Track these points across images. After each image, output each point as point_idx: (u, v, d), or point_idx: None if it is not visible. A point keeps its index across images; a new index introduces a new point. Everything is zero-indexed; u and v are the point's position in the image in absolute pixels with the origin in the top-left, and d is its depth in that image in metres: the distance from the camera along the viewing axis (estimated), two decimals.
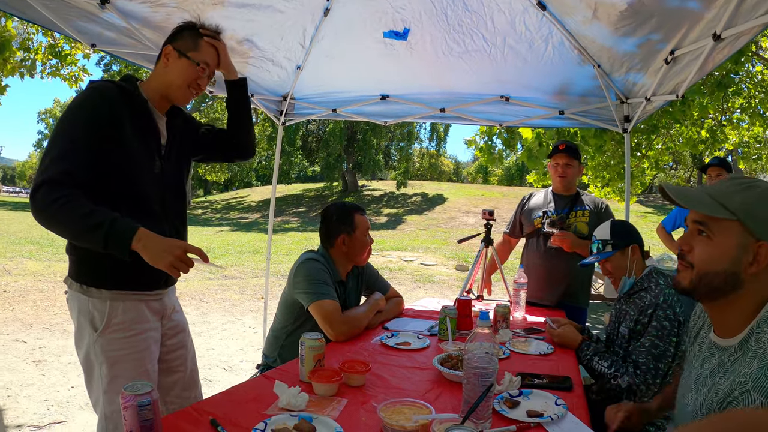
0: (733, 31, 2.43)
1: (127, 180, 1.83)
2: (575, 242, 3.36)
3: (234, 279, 10.12)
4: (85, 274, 1.85)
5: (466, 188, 32.70)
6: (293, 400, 1.61)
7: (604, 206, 3.55)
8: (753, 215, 1.22)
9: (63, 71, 6.63)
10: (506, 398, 1.72)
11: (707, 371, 1.34)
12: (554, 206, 3.56)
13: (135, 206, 1.84)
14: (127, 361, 1.86)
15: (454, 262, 13.18)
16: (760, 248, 1.21)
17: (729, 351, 1.28)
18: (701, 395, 1.32)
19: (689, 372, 1.47)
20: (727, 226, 1.24)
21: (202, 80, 2.02)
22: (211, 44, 2.05)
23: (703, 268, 1.28)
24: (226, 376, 4.68)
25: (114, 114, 1.79)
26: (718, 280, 1.26)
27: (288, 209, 28.10)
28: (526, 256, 3.67)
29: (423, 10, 3.30)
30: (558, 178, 3.57)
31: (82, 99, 1.79)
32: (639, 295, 2.35)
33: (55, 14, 2.81)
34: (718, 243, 1.26)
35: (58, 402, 3.96)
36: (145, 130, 1.92)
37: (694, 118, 8.00)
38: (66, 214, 1.61)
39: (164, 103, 2.03)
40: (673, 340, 2.15)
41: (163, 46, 2.01)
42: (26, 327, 6.05)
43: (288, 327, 2.62)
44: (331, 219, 2.74)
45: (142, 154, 1.89)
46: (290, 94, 4.59)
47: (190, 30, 2.03)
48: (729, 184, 1.29)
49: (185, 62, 1.97)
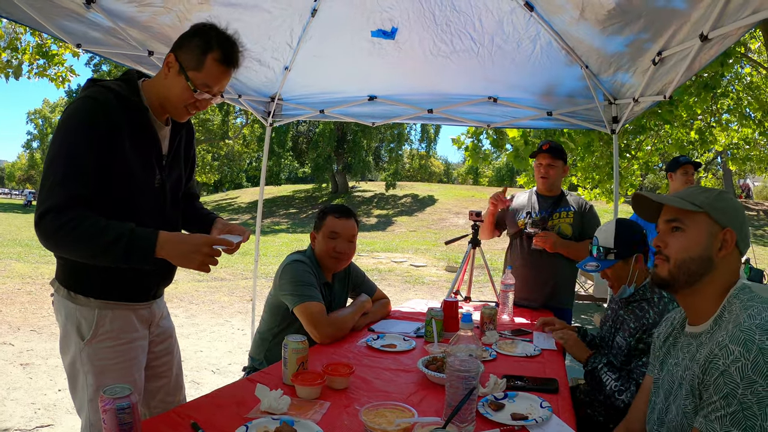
0: (720, 31, 2.44)
1: (124, 193, 1.75)
2: (558, 243, 3.32)
3: (223, 281, 10.06)
4: (73, 280, 1.79)
5: (456, 189, 32.75)
6: (275, 403, 1.59)
7: (588, 207, 3.52)
8: (715, 207, 1.42)
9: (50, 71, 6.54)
10: (491, 401, 1.71)
11: (687, 359, 1.42)
12: (537, 207, 3.53)
13: (130, 219, 1.74)
14: (114, 371, 1.81)
15: (444, 263, 13.19)
16: (726, 234, 1.40)
17: (705, 332, 1.41)
18: (686, 379, 1.38)
19: (666, 373, 1.54)
20: (696, 218, 1.44)
21: (201, 103, 1.82)
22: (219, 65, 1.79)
23: (680, 257, 1.44)
24: (214, 379, 4.64)
25: (112, 124, 1.66)
26: (694, 265, 1.42)
27: (278, 210, 28.02)
28: (510, 257, 3.65)
29: (411, 10, 3.30)
30: (541, 178, 3.53)
31: (77, 110, 1.66)
32: (640, 306, 2.23)
33: (41, 14, 2.77)
34: (691, 234, 1.44)
35: (45, 405, 3.91)
36: (145, 142, 1.80)
37: (683, 119, 8.05)
38: (78, 237, 1.56)
39: (165, 111, 1.88)
40: None
41: (171, 50, 1.79)
42: (14, 330, 5.98)
43: (274, 329, 2.59)
44: (317, 216, 2.78)
45: (141, 166, 1.80)
46: (278, 95, 4.57)
47: (201, 38, 1.76)
48: (691, 189, 1.51)
49: (184, 82, 1.75)
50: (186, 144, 2.05)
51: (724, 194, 1.48)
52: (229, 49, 1.79)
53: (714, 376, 1.25)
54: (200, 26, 1.80)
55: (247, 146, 36.01)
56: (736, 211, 1.45)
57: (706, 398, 1.27)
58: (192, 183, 2.18)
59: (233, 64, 1.82)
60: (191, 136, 2.10)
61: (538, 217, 3.43)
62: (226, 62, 1.79)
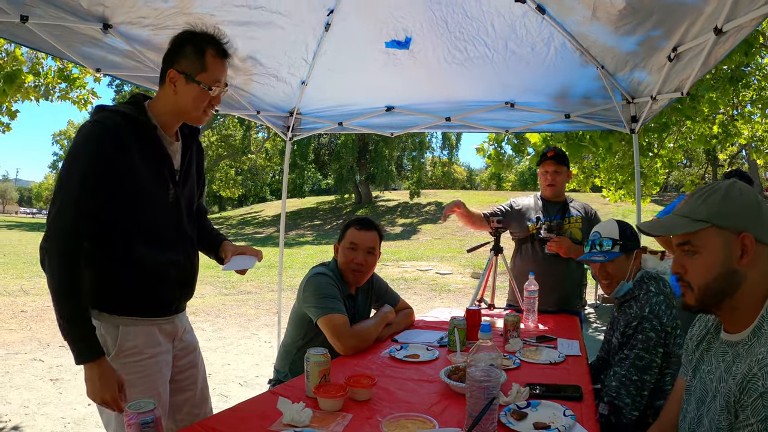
0: (735, 23, 2.39)
1: (139, 210, 1.81)
2: (571, 248, 3.37)
3: (250, 294, 10.16)
4: (96, 299, 1.83)
5: (479, 195, 32.58)
6: (296, 415, 1.60)
7: (594, 212, 3.63)
8: (722, 214, 1.31)
9: (72, 94, 6.73)
10: (513, 410, 1.69)
11: (722, 369, 1.35)
12: (546, 212, 3.57)
13: (149, 235, 1.83)
14: (139, 385, 1.85)
15: (469, 270, 13.12)
16: (744, 239, 1.29)
17: (742, 342, 1.31)
18: (720, 392, 1.31)
19: (699, 380, 1.47)
20: (705, 234, 1.33)
21: (215, 99, 1.91)
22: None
23: (701, 282, 1.35)
24: (242, 392, 4.68)
25: (120, 145, 1.73)
26: (718, 285, 1.32)
27: (303, 223, 28.19)
28: (518, 262, 3.65)
29: (423, 19, 3.31)
30: (547, 186, 3.59)
31: (86, 134, 1.73)
32: (629, 304, 2.31)
33: (59, 41, 2.85)
34: (705, 254, 1.34)
35: (74, 420, 3.99)
36: (156, 158, 1.86)
37: (704, 113, 7.89)
38: (60, 284, 1.66)
39: (176, 124, 1.96)
40: (659, 351, 2.10)
41: (164, 67, 1.88)
42: (44, 346, 6.12)
43: (298, 341, 2.62)
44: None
45: (154, 182, 1.85)
46: (296, 110, 4.62)
47: (192, 44, 1.85)
48: (692, 200, 1.38)
49: (196, 88, 1.84)
50: (197, 159, 2.11)
51: (731, 190, 1.34)
52: (219, 42, 1.91)
53: (752, 397, 1.19)
54: (183, 35, 1.90)
55: (269, 160, 36.38)
56: (748, 207, 1.32)
57: (743, 419, 1.21)
58: (201, 198, 2.25)
59: (227, 54, 1.94)
60: (201, 151, 2.16)
61: (554, 222, 3.44)
62: (222, 54, 1.91)
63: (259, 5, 3.07)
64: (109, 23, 2.84)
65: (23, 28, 2.63)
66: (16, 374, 5.05)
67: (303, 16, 3.31)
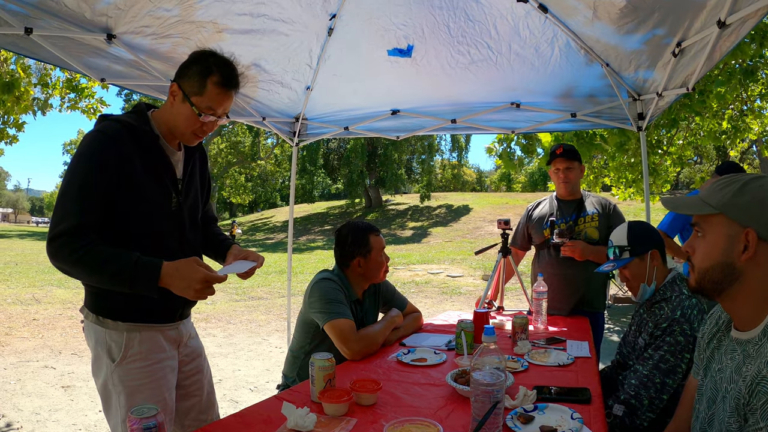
0: (738, 15, 2.35)
1: (142, 219, 1.82)
2: (586, 250, 3.28)
3: (260, 299, 10.18)
4: (100, 307, 1.86)
5: (490, 197, 32.50)
6: (301, 420, 1.59)
7: (612, 207, 3.47)
8: (734, 205, 1.30)
9: (81, 104, 6.82)
10: (520, 413, 1.67)
11: (732, 368, 1.33)
12: (560, 214, 3.49)
13: (152, 244, 1.83)
14: (145, 391, 1.86)
15: (480, 273, 13.07)
16: (748, 234, 1.28)
17: (752, 341, 1.30)
18: (730, 393, 1.30)
19: (710, 379, 1.45)
20: (713, 221, 1.34)
21: (208, 126, 1.89)
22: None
23: (702, 265, 1.36)
24: (252, 397, 4.68)
25: (122, 154, 1.74)
26: (715, 273, 1.33)
27: (313, 228, 28.28)
28: (538, 266, 3.59)
29: (425, 25, 3.31)
30: (562, 183, 3.49)
31: (89, 143, 1.74)
32: (659, 306, 2.23)
33: (64, 52, 2.88)
34: (709, 239, 1.35)
35: (86, 426, 4.02)
36: (158, 168, 1.87)
37: (713, 109, 7.80)
38: (87, 264, 1.64)
39: (175, 137, 1.96)
40: (686, 357, 2.05)
41: (174, 80, 1.88)
42: (55, 354, 6.17)
43: (305, 347, 2.61)
44: (345, 241, 2.72)
45: (157, 191, 1.86)
46: (302, 115, 4.63)
47: (200, 64, 1.83)
48: (715, 184, 1.37)
49: (189, 108, 1.83)
50: (200, 167, 2.12)
51: (751, 183, 1.31)
52: (227, 71, 1.85)
53: (762, 400, 1.17)
54: (199, 53, 1.88)
55: (278, 166, 36.54)
56: (758, 204, 1.28)
57: (752, 422, 1.19)
58: (209, 206, 2.24)
59: (233, 86, 1.89)
60: (204, 160, 2.16)
61: (565, 226, 3.37)
62: (226, 84, 1.85)
63: (262, 13, 3.09)
64: (113, 33, 2.86)
65: (28, 40, 2.66)
66: (28, 381, 5.09)
67: (306, 22, 3.33)
